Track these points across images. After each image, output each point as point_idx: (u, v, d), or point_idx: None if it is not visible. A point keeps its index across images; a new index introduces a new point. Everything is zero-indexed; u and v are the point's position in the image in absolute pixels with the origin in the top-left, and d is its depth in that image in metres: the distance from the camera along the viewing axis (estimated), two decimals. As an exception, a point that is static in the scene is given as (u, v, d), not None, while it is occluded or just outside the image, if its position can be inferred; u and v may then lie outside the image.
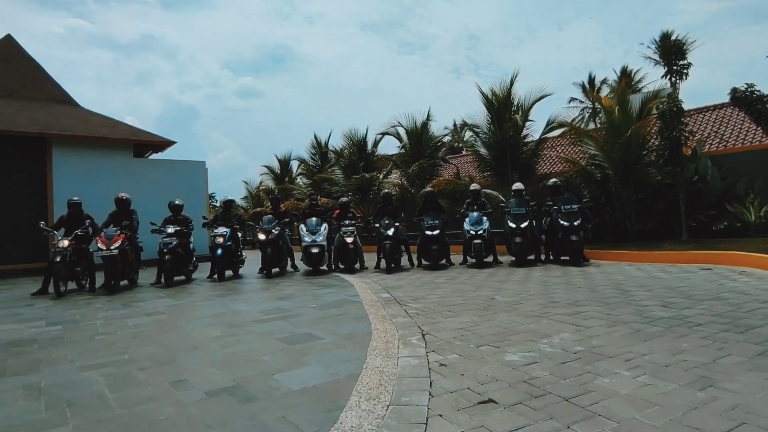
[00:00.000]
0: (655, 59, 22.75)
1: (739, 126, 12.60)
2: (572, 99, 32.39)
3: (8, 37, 15.26)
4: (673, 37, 33.58)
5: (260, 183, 26.39)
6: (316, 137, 21.56)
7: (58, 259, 6.81)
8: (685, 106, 16.02)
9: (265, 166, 25.13)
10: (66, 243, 7.02)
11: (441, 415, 2.10)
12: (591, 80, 35.11)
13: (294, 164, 24.08)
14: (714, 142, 12.67)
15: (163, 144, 14.72)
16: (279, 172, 24.40)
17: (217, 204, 26.33)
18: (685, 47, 34.24)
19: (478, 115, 13.68)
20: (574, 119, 26.16)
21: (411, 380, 2.57)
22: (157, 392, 2.54)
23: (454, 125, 31.00)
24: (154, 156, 15.79)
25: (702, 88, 51.87)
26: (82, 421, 2.20)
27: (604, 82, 35.33)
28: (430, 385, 2.48)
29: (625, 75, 33.73)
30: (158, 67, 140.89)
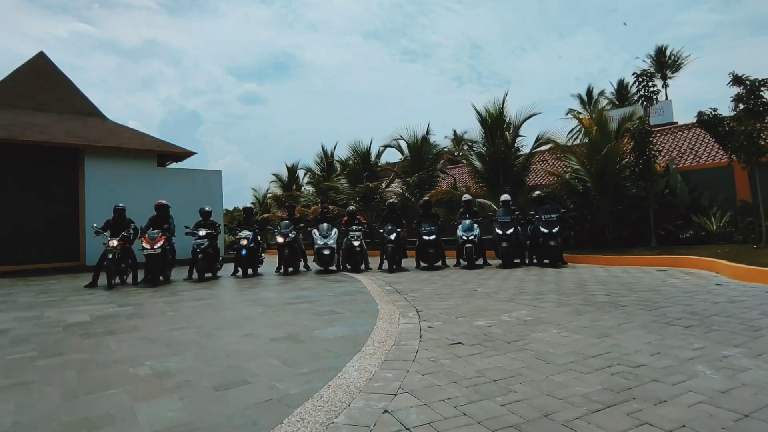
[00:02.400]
0: (651, 71, 24.22)
1: (713, 143, 13.80)
2: (570, 110, 33.63)
3: (41, 54, 16.63)
4: (668, 52, 34.94)
5: (268, 190, 27.68)
6: (323, 147, 22.93)
7: (110, 257, 8.03)
8: (679, 120, 17.21)
9: (274, 174, 26.47)
10: (115, 243, 8.22)
11: (426, 350, 3.29)
12: (589, 92, 36.44)
13: (301, 173, 25.39)
14: (689, 158, 13.89)
15: (182, 154, 16.02)
16: (287, 180, 25.69)
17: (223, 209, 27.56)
18: (679, 62, 35.59)
19: (474, 130, 14.95)
20: (571, 130, 27.39)
21: (407, 334, 3.75)
22: (235, 340, 3.74)
23: (455, 134, 32.30)
24: (173, 165, 17.07)
25: (704, 98, 53.52)
26: (193, 352, 3.39)
27: (601, 94, 36.65)
28: (420, 337, 3.67)
29: (622, 88, 35.21)
30: (162, 73, 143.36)
